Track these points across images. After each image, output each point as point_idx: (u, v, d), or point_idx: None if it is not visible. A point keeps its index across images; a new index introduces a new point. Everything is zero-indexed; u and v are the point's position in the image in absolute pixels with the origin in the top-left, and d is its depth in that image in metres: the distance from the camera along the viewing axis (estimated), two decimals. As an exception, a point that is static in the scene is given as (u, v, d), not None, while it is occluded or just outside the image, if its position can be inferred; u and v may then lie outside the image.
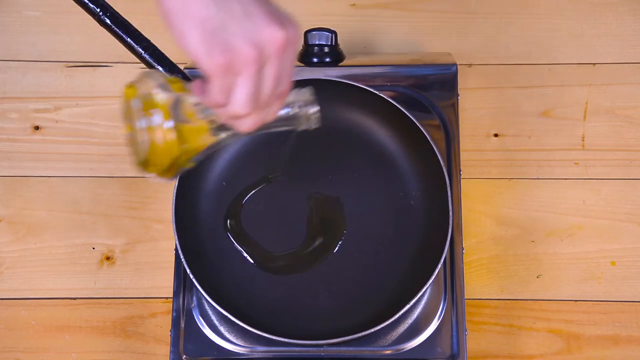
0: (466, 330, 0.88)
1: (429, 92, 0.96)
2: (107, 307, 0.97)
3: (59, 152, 1.03)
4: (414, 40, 1.07)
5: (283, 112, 0.65)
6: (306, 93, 0.67)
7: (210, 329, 0.89)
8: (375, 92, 0.91)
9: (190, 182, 0.90)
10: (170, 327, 0.89)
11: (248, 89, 0.57)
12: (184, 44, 0.56)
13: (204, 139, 0.65)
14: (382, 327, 0.82)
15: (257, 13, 0.55)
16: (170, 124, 0.62)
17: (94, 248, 0.99)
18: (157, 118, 0.62)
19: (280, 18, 0.56)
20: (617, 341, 0.94)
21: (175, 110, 0.62)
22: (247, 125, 0.61)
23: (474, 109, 1.03)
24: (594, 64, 1.05)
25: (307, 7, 1.09)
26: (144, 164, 0.64)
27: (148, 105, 0.62)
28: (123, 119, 0.65)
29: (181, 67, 0.83)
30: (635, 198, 0.99)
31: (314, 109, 0.67)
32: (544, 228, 0.98)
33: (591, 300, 0.95)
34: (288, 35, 0.56)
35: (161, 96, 0.62)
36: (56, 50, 1.08)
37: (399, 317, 0.83)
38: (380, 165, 0.94)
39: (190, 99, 0.63)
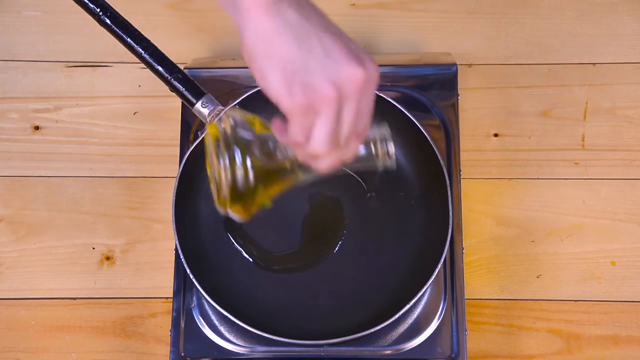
0: (466, 330, 0.88)
1: (429, 92, 0.96)
2: (107, 307, 0.97)
3: (59, 152, 1.03)
4: (414, 40, 1.07)
5: (361, 151, 0.65)
6: (383, 130, 0.65)
7: (210, 329, 0.89)
8: (375, 92, 0.90)
9: (190, 182, 0.90)
10: (170, 327, 0.89)
11: (327, 129, 0.56)
12: (265, 84, 0.55)
13: (283, 179, 0.65)
14: (382, 327, 0.82)
15: (336, 51, 0.55)
16: (250, 163, 0.63)
17: (94, 248, 0.99)
18: (238, 157, 0.62)
19: (359, 56, 0.55)
20: (617, 341, 0.94)
21: (255, 150, 0.63)
22: (325, 164, 0.60)
23: (474, 109, 1.03)
24: (594, 63, 1.05)
25: (307, 7, 1.09)
26: (225, 202, 0.65)
27: (229, 145, 0.62)
28: (205, 158, 0.66)
29: (181, 67, 0.83)
30: (635, 198, 0.99)
31: (392, 147, 0.65)
32: (544, 228, 0.98)
33: (591, 300, 0.95)
34: (368, 74, 0.55)
35: (242, 136, 0.63)
36: (56, 50, 1.08)
37: (399, 317, 0.83)
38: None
39: (270, 139, 0.63)
